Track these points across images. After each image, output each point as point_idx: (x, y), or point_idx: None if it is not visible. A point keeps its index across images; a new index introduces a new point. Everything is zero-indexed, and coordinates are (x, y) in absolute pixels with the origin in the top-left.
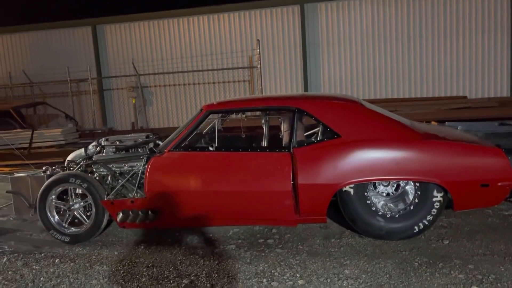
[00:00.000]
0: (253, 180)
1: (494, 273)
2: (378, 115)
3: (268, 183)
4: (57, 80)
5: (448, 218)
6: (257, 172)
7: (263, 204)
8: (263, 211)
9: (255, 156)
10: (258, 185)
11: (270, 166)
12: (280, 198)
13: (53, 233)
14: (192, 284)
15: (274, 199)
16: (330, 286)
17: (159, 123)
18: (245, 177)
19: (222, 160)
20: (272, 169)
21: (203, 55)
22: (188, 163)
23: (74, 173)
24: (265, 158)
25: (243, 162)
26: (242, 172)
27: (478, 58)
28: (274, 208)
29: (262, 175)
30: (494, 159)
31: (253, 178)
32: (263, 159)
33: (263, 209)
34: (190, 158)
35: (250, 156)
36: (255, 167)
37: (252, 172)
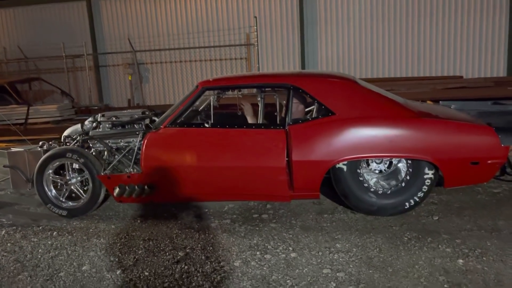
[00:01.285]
0: (248, 156)
1: (481, 247)
2: (372, 93)
3: (262, 159)
4: (52, 55)
5: (438, 195)
6: (252, 148)
7: (258, 179)
8: (257, 187)
9: (250, 133)
10: (253, 161)
11: (265, 143)
12: (275, 174)
13: (50, 207)
14: (187, 257)
15: (268, 175)
16: (321, 259)
17: (155, 100)
18: (240, 153)
19: (218, 136)
20: (267, 145)
21: (199, 32)
22: (183, 139)
23: (71, 148)
24: (260, 134)
25: (238, 139)
26: (237, 148)
27: (475, 38)
28: (269, 184)
29: (257, 151)
30: (485, 137)
31: (248, 154)
32: (258, 136)
33: (257, 185)
34: (185, 134)
35: (245, 133)
36: (250, 144)
37: (247, 148)
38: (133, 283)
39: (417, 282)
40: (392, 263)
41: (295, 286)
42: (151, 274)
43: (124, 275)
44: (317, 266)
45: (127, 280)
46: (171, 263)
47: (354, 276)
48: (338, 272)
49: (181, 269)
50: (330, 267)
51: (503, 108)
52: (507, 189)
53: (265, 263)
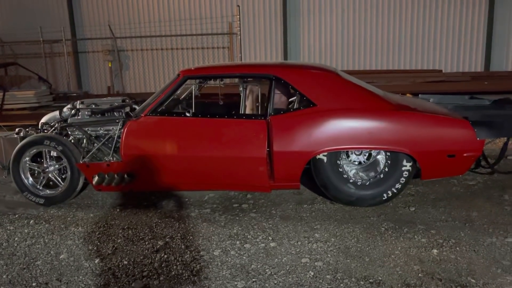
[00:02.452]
0: (229, 146)
1: (454, 238)
2: (353, 85)
3: (243, 149)
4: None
5: (415, 187)
6: (233, 138)
7: (238, 170)
8: (237, 177)
9: (232, 123)
10: (233, 151)
11: (246, 133)
12: (255, 165)
13: (27, 195)
14: (167, 246)
15: (249, 165)
16: (300, 249)
17: (135, 87)
18: (221, 143)
19: (199, 125)
20: (248, 136)
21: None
22: (164, 127)
23: (49, 135)
24: (241, 125)
25: (219, 128)
26: (218, 138)
27: (455, 32)
28: (249, 174)
29: (238, 141)
30: (461, 131)
31: (229, 144)
32: (239, 126)
33: (237, 175)
34: (166, 122)
35: (226, 123)
36: (231, 134)
37: (228, 138)
38: (111, 272)
39: (392, 271)
40: (369, 252)
41: (274, 275)
42: (130, 263)
43: (103, 263)
44: (296, 256)
45: (106, 269)
46: (151, 252)
47: (332, 265)
48: (316, 261)
49: (161, 258)
50: (308, 257)
51: (479, 102)
52: (481, 181)
53: (245, 253)
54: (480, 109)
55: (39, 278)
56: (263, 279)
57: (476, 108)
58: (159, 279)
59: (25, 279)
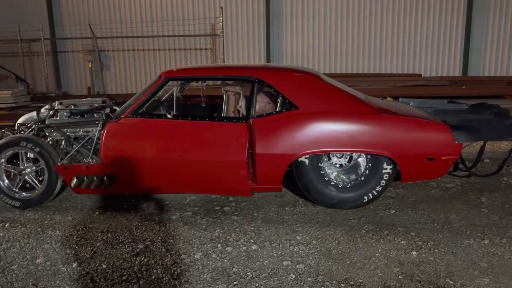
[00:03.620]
0: (209, 149)
1: (433, 240)
2: (335, 88)
3: (223, 153)
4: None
5: (395, 189)
6: (213, 141)
7: (218, 173)
8: (218, 181)
9: (212, 126)
10: (213, 155)
11: (226, 136)
12: (235, 168)
13: (2, 198)
14: (147, 249)
15: (229, 169)
16: (282, 251)
17: (116, 88)
18: (201, 146)
19: (179, 128)
20: (229, 139)
21: (164, 20)
22: (144, 129)
23: (26, 136)
24: (222, 128)
25: (200, 131)
26: (198, 140)
27: (434, 37)
28: (229, 178)
29: (218, 144)
30: (440, 134)
31: (209, 147)
32: (219, 129)
33: (218, 179)
34: (146, 124)
35: (207, 125)
36: (212, 137)
37: (208, 141)
38: (90, 277)
39: (373, 273)
40: (350, 255)
41: (256, 278)
42: (109, 267)
43: (81, 268)
44: (278, 258)
45: (84, 273)
46: (130, 256)
47: (313, 268)
48: (297, 264)
49: (141, 261)
50: (290, 259)
51: (457, 106)
52: (459, 184)
53: (226, 256)
54: (458, 113)
55: (15, 283)
56: (245, 282)
57: (455, 112)
58: (138, 283)
59: (0, 284)
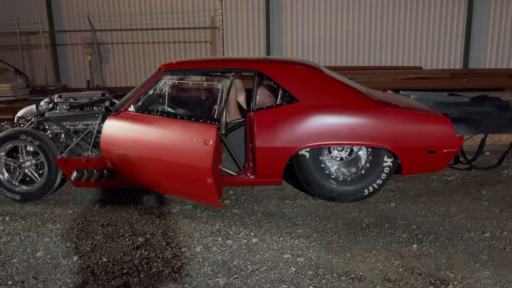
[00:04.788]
0: (177, 151)
1: (434, 232)
2: (335, 81)
3: (190, 156)
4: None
5: (396, 182)
6: (182, 142)
7: (187, 179)
8: (187, 186)
9: (184, 125)
10: (182, 157)
11: (194, 138)
12: (202, 176)
13: (2, 191)
14: (147, 242)
15: (195, 174)
16: (282, 244)
17: (116, 81)
18: (172, 146)
19: (156, 125)
20: (196, 141)
21: (163, 13)
22: (137, 124)
23: (25, 129)
24: (191, 128)
25: (173, 130)
26: (170, 140)
27: (435, 30)
28: (196, 185)
29: (185, 146)
30: (441, 127)
31: (177, 148)
32: (189, 129)
33: (187, 183)
34: (140, 119)
35: (179, 124)
36: (181, 137)
37: (177, 141)
38: (90, 270)
39: (373, 266)
40: (350, 248)
41: (256, 271)
42: (109, 260)
43: (81, 261)
44: (278, 251)
45: (84, 267)
46: (131, 249)
47: (314, 261)
48: (298, 257)
49: (141, 254)
50: (290, 252)
51: (458, 99)
52: (459, 177)
53: (227, 249)
54: (459, 106)
55: (15, 276)
56: (245, 275)
57: (455, 105)
58: (139, 277)
59: (0, 278)
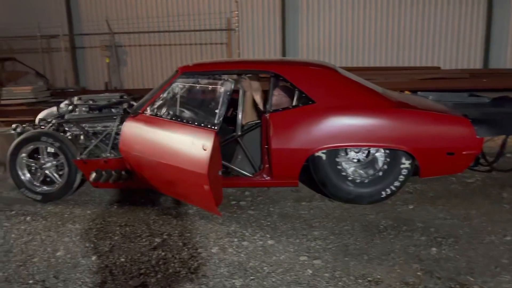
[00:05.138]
0: (175, 154)
1: (453, 236)
2: (352, 82)
3: (187, 161)
4: (26, 35)
5: (414, 184)
6: (181, 146)
7: (186, 184)
8: (187, 192)
9: (183, 129)
10: (178, 160)
11: (192, 142)
12: (197, 180)
13: (24, 191)
14: (164, 243)
15: (192, 179)
16: (298, 246)
17: (133, 83)
18: (170, 149)
19: (162, 127)
20: (194, 146)
21: (180, 15)
22: (151, 127)
23: (46, 131)
24: (190, 132)
25: (174, 134)
26: (171, 144)
27: (454, 29)
28: (194, 191)
29: (184, 150)
30: (461, 129)
31: (176, 152)
32: (188, 133)
33: (186, 190)
34: (154, 122)
35: (180, 128)
36: (181, 141)
37: (178, 145)
38: (108, 270)
39: (391, 269)
40: (367, 250)
41: (272, 273)
42: (127, 260)
43: (100, 261)
44: (294, 254)
45: (103, 266)
46: (148, 249)
47: (331, 264)
48: (314, 260)
49: (158, 255)
50: (307, 254)
51: (478, 100)
52: (480, 179)
53: (243, 250)
54: (480, 107)
55: (36, 275)
56: (261, 277)
57: (476, 106)
58: (156, 277)
59: (21, 277)
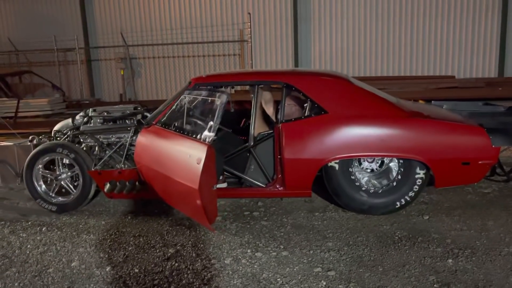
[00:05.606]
0: (171, 166)
1: (470, 247)
2: (365, 92)
3: (181, 173)
4: (43, 48)
5: (429, 195)
6: (177, 158)
7: (182, 196)
8: (184, 205)
9: (181, 141)
10: (175, 173)
11: (188, 154)
12: (190, 195)
13: (40, 202)
14: (178, 254)
15: (185, 192)
16: (312, 258)
17: (147, 95)
18: (171, 162)
19: (164, 138)
20: (190, 158)
21: (193, 27)
22: (162, 139)
23: (62, 143)
24: (186, 144)
25: (173, 145)
26: (170, 155)
27: (468, 38)
28: (188, 203)
29: (179, 163)
30: (476, 138)
31: (172, 163)
32: (184, 145)
33: (183, 203)
34: (164, 134)
35: (178, 139)
36: (177, 153)
37: (175, 157)
38: (122, 280)
39: (407, 281)
40: (382, 262)
41: (286, 285)
42: (141, 271)
43: (114, 271)
44: (308, 265)
45: (117, 277)
46: (162, 260)
47: (345, 275)
48: (329, 271)
49: (172, 266)
50: (321, 266)
51: (494, 109)
52: (497, 189)
53: (256, 261)
54: (495, 116)
55: (51, 286)
56: None
57: (491, 115)
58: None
59: (36, 287)
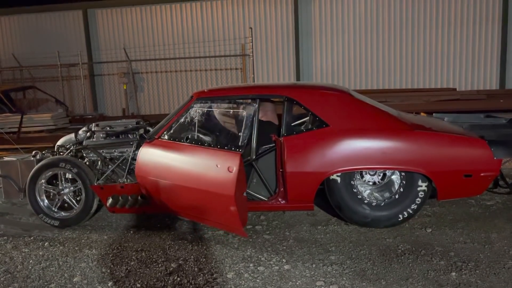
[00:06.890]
0: (201, 178)
1: (474, 260)
2: (366, 105)
3: (213, 184)
4: (47, 64)
5: (431, 207)
6: (205, 169)
7: (211, 206)
8: (211, 213)
9: (207, 152)
10: (204, 184)
11: (218, 165)
12: (224, 202)
13: (42, 217)
14: (180, 268)
15: (218, 201)
16: (315, 271)
17: (150, 109)
18: (195, 173)
19: (183, 152)
20: (220, 168)
21: (195, 42)
22: (169, 151)
23: (64, 157)
24: (214, 155)
25: (197, 157)
26: (192, 167)
27: (468, 50)
28: (220, 212)
29: (209, 174)
30: (478, 150)
31: (201, 175)
32: (212, 157)
33: (211, 211)
34: (171, 147)
35: (203, 152)
36: (204, 164)
37: (201, 169)
38: None
39: None
40: (385, 275)
41: None
42: (143, 286)
43: (116, 286)
44: (311, 279)
45: None
46: (164, 275)
47: None
48: (331, 285)
49: (174, 280)
50: (323, 280)
51: (495, 121)
52: (500, 201)
53: (258, 275)
54: (497, 128)
55: None
56: None
57: (493, 127)
58: None
59: None
